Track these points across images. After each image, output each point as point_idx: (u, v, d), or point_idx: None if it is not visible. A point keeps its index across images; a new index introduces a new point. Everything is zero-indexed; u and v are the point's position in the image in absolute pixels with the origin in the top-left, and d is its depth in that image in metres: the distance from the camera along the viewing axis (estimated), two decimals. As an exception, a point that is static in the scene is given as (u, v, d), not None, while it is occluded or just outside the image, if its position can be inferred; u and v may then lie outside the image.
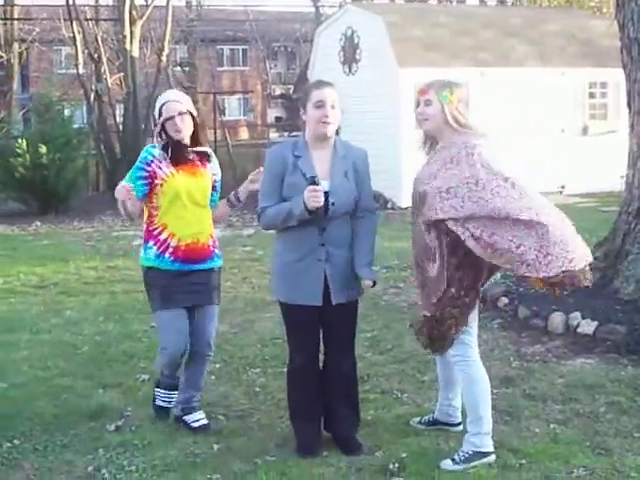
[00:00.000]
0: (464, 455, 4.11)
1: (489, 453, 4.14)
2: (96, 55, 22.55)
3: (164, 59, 22.40)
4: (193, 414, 4.70)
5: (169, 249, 4.50)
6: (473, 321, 4.20)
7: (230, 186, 4.77)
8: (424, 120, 4.18)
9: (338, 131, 4.27)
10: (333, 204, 4.15)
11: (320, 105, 4.14)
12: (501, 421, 4.64)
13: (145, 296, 4.78)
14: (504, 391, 5.16)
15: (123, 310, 7.69)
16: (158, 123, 4.55)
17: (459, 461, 4.09)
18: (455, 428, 4.51)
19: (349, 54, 16.67)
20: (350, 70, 16.63)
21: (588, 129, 16.76)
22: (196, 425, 4.66)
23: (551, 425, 4.60)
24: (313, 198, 4.05)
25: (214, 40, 38.24)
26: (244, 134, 40.10)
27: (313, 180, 4.08)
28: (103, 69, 22.39)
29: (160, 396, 4.81)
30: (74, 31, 22.00)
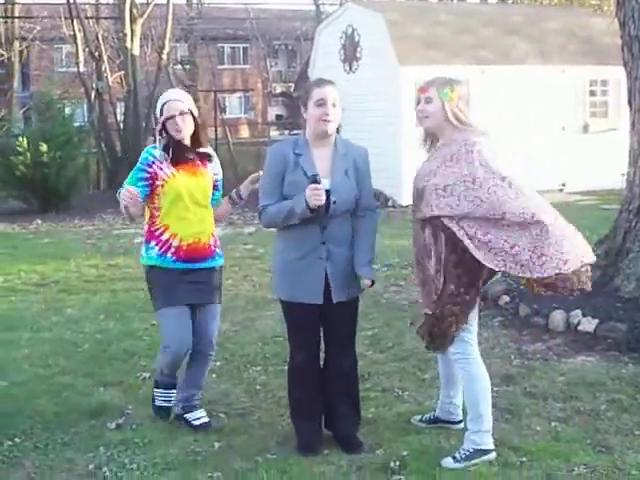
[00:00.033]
0: (465, 453, 4.11)
1: (490, 450, 4.14)
2: (97, 53, 22.56)
3: (165, 57, 22.40)
4: (194, 412, 4.70)
5: (171, 249, 4.50)
6: (473, 319, 4.20)
7: (231, 184, 4.77)
8: (424, 117, 4.18)
9: (339, 129, 4.26)
10: (334, 202, 4.14)
11: (321, 103, 4.14)
12: (502, 419, 4.64)
13: (146, 294, 4.77)
14: (505, 389, 5.15)
15: (124, 308, 7.69)
16: (159, 122, 4.55)
17: (460, 459, 4.09)
18: (456, 426, 4.50)
19: (350, 52, 16.66)
20: (351, 68, 16.62)
21: (589, 127, 16.75)
22: (197, 423, 4.66)
23: (552, 423, 4.60)
24: (315, 196, 4.04)
25: (215, 38, 38.22)
26: (245, 132, 40.08)
27: (315, 178, 4.08)
28: (104, 67, 22.41)
29: (159, 396, 4.79)
30: (75, 29, 22.01)
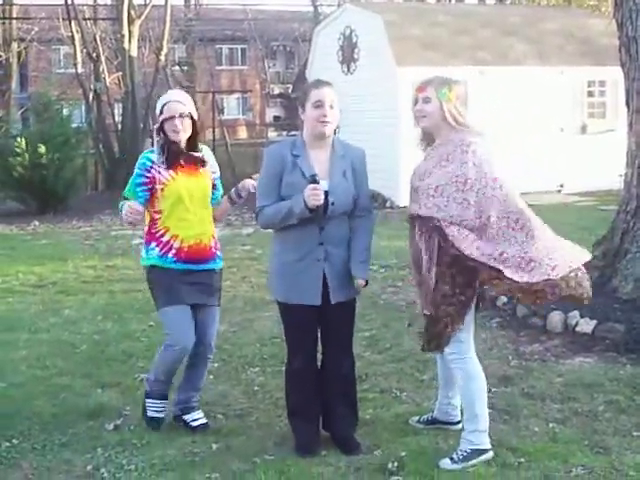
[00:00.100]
0: (462, 454, 4.11)
1: (487, 450, 4.14)
2: (94, 54, 22.56)
3: (162, 58, 22.41)
4: (192, 413, 4.69)
5: (172, 250, 4.49)
6: (470, 319, 4.19)
7: (229, 185, 4.76)
8: (422, 117, 4.18)
9: (336, 130, 4.26)
10: (333, 204, 4.14)
11: (319, 105, 4.14)
12: (500, 420, 4.64)
13: (144, 295, 4.78)
14: (503, 390, 5.16)
15: (122, 309, 7.68)
16: (158, 121, 4.54)
17: (458, 460, 4.09)
18: (454, 427, 4.50)
19: (347, 53, 16.67)
20: (349, 69, 16.62)
21: (587, 128, 16.76)
22: (195, 424, 4.65)
23: (550, 424, 4.60)
24: (313, 196, 4.04)
25: (213, 39, 38.24)
26: (243, 133, 40.09)
27: (314, 178, 4.08)
28: (102, 68, 22.41)
29: (151, 406, 4.69)
30: (72, 30, 22.03)
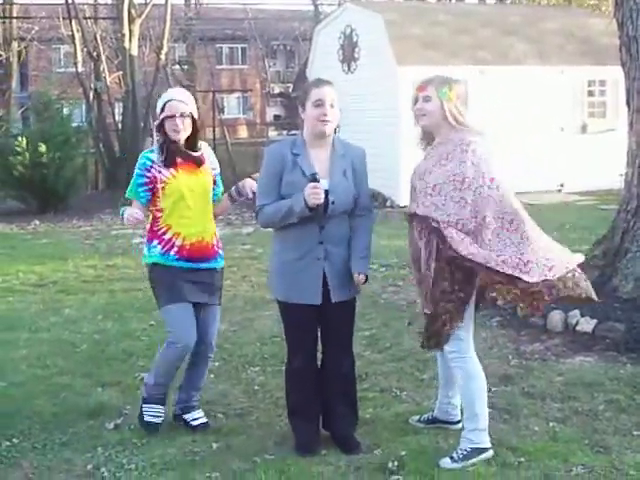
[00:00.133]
0: (462, 453, 4.11)
1: (486, 449, 4.14)
2: (95, 53, 22.55)
3: (163, 57, 22.40)
4: (192, 413, 4.70)
5: (174, 248, 4.50)
6: (470, 318, 4.19)
7: (230, 185, 4.76)
8: (422, 116, 4.18)
9: (337, 129, 4.26)
10: (333, 203, 4.14)
11: (319, 104, 4.14)
12: (500, 419, 4.64)
13: (144, 294, 4.78)
14: (503, 389, 5.15)
15: (122, 308, 7.67)
16: (158, 118, 4.53)
17: (458, 459, 4.09)
18: (454, 426, 4.50)
19: (348, 52, 16.66)
20: (349, 68, 16.62)
21: (587, 127, 16.75)
22: (195, 423, 4.66)
23: (550, 423, 4.60)
24: (314, 195, 4.04)
25: (213, 38, 38.24)
26: (243, 132, 40.09)
27: (314, 177, 4.08)
28: (102, 67, 22.40)
29: (147, 411, 4.66)
30: (73, 29, 22.02)
